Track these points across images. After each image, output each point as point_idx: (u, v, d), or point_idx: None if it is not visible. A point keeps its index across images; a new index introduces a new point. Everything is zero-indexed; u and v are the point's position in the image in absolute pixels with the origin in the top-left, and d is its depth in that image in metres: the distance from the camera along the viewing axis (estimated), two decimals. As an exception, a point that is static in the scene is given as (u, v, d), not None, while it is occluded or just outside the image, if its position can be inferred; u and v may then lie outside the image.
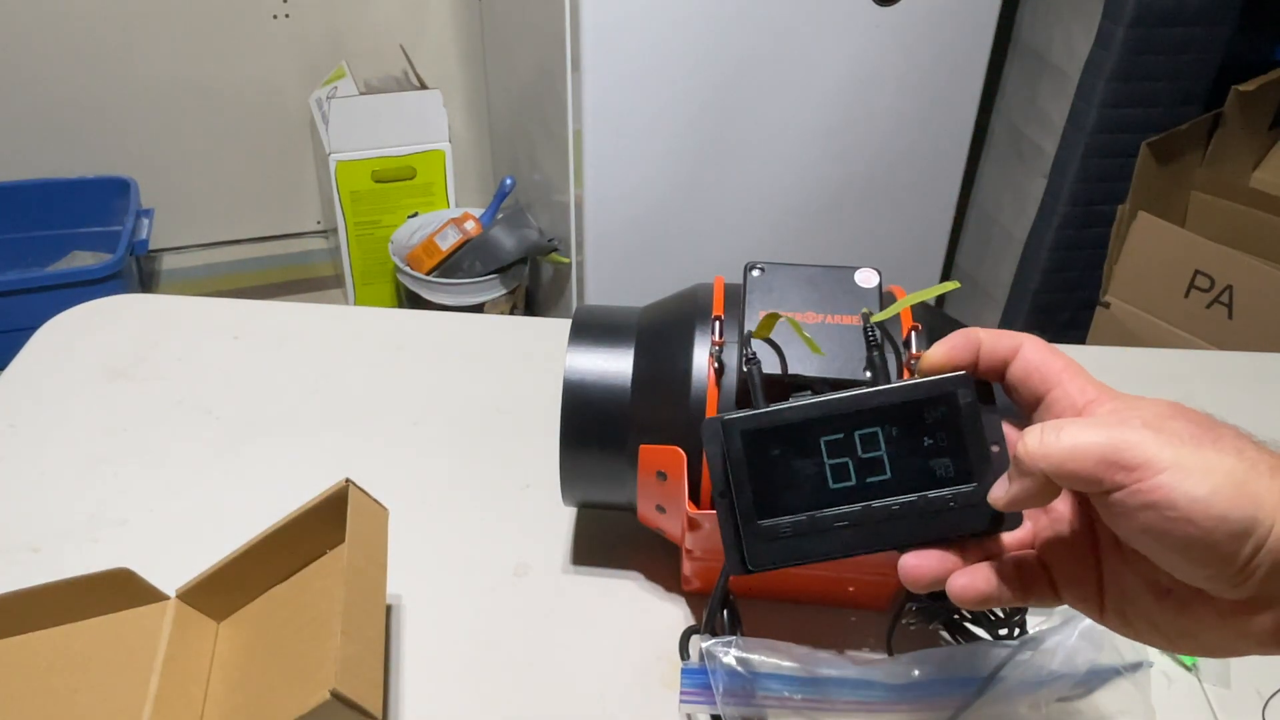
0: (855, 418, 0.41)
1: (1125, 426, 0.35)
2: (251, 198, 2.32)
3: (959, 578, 0.39)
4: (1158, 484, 0.33)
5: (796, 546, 0.41)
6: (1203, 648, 0.38)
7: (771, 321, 0.52)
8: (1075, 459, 0.35)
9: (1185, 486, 0.33)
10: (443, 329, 0.92)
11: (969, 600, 0.39)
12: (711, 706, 0.54)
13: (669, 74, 1.57)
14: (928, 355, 0.41)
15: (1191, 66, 1.62)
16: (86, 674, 0.56)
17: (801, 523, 0.41)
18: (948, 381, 0.40)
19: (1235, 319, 1.51)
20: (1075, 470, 0.35)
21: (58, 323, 0.90)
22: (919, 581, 0.40)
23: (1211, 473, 0.33)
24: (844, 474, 0.41)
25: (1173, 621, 0.37)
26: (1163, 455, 0.34)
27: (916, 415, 0.41)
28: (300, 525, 0.59)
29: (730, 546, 0.42)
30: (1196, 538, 0.33)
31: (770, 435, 0.41)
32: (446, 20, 2.21)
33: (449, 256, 1.98)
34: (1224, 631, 0.36)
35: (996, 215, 1.96)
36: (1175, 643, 0.38)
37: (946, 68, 1.69)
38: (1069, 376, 0.39)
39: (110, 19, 2.02)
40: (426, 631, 0.63)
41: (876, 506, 0.41)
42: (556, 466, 0.62)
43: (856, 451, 0.41)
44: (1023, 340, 0.41)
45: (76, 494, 0.72)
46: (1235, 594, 0.35)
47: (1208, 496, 0.33)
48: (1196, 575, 0.35)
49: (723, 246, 1.76)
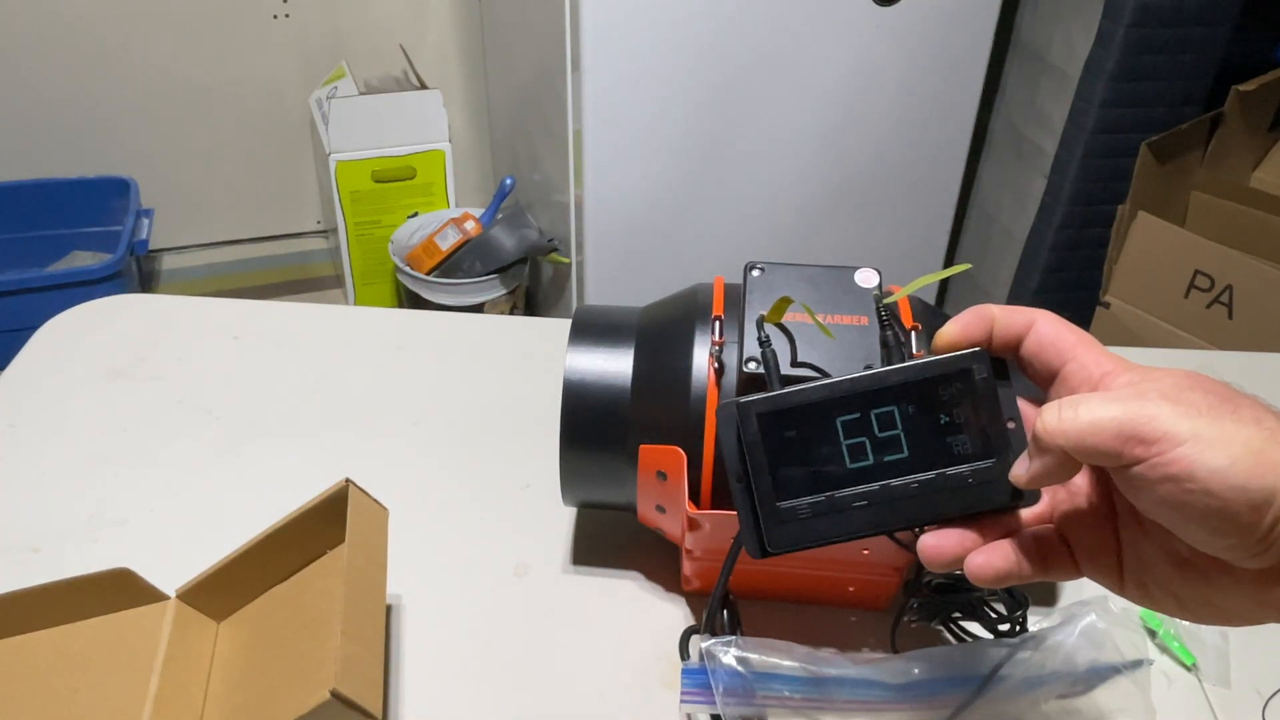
0: (871, 397, 0.41)
1: (1143, 400, 0.34)
2: (251, 198, 2.32)
3: (976, 556, 0.39)
4: (1177, 456, 0.33)
5: (815, 527, 0.41)
6: (1223, 616, 0.38)
7: (784, 305, 0.52)
8: (1094, 434, 0.35)
9: (1204, 458, 0.33)
10: (443, 329, 0.92)
11: (988, 578, 0.39)
12: (711, 706, 0.54)
13: (669, 74, 1.57)
14: (941, 333, 0.41)
15: (1191, 66, 1.62)
16: (86, 674, 0.56)
17: (820, 503, 0.41)
18: (963, 358, 0.40)
19: (1235, 319, 1.51)
20: (1095, 445, 0.35)
21: (58, 323, 0.90)
22: (938, 561, 0.40)
23: (1230, 443, 0.33)
24: (861, 454, 0.41)
25: (1192, 591, 0.37)
26: (1181, 427, 0.33)
27: (932, 393, 0.41)
28: (300, 525, 0.59)
29: (748, 530, 0.42)
30: (1216, 509, 0.33)
31: (786, 417, 0.41)
32: (446, 20, 2.21)
33: (449, 256, 1.98)
34: (1244, 600, 0.36)
35: (996, 215, 1.96)
36: (1195, 612, 0.38)
37: (946, 68, 1.69)
38: (1084, 349, 0.39)
39: (110, 19, 2.02)
40: (426, 631, 0.63)
41: (895, 485, 0.41)
42: (556, 466, 0.62)
43: (873, 431, 0.41)
44: (1036, 315, 0.41)
45: (76, 494, 0.72)
46: (1255, 563, 0.35)
47: (1227, 467, 0.33)
48: (1216, 546, 0.35)
49: (723, 246, 1.76)
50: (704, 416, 0.56)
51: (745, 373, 0.54)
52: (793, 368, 0.53)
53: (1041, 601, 0.66)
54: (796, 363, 0.53)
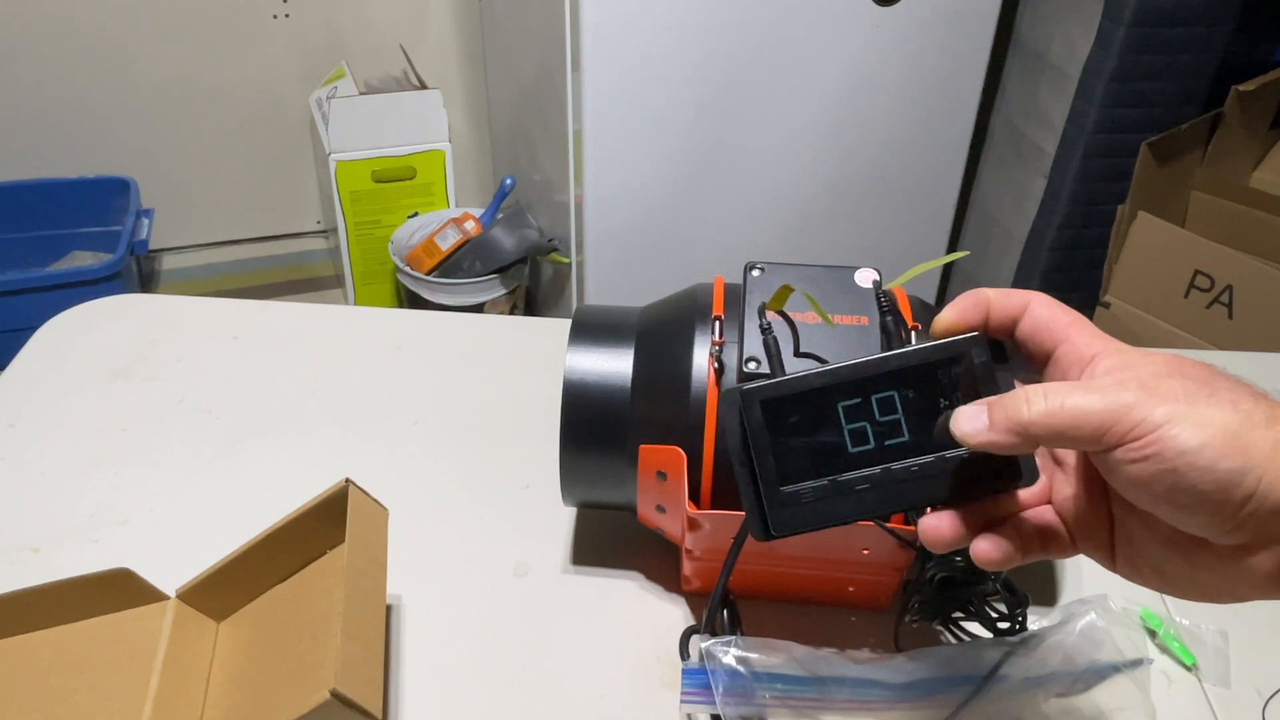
0: (872, 382, 0.41)
1: (1122, 389, 0.36)
2: (251, 198, 2.32)
3: (981, 542, 0.40)
4: (1150, 440, 0.35)
5: (819, 510, 0.42)
6: (1206, 593, 0.39)
7: (785, 293, 0.53)
8: (1076, 427, 0.36)
9: (1177, 442, 0.34)
10: (443, 329, 0.92)
11: (993, 562, 0.40)
12: (711, 706, 0.54)
13: (669, 74, 1.57)
14: (939, 318, 0.42)
15: (1191, 66, 1.62)
16: (86, 674, 0.56)
17: (823, 487, 0.42)
18: (961, 342, 0.41)
19: (1235, 319, 1.51)
20: (1075, 436, 0.36)
21: (58, 323, 0.90)
22: (939, 543, 0.41)
23: (1204, 426, 0.34)
24: (863, 438, 0.42)
25: (1177, 568, 0.39)
26: (1156, 414, 0.35)
27: (932, 377, 0.41)
28: (300, 525, 0.59)
29: (752, 513, 0.42)
30: (1184, 488, 0.35)
31: (789, 403, 0.42)
32: (446, 20, 2.21)
33: (449, 256, 1.98)
34: (1226, 576, 0.37)
35: (996, 215, 1.96)
36: (1181, 589, 0.40)
37: (946, 68, 1.69)
38: (1076, 330, 0.41)
39: (110, 19, 2.02)
40: (426, 631, 0.63)
41: (896, 468, 0.41)
42: (556, 466, 0.62)
43: (874, 415, 0.41)
44: (1030, 297, 0.42)
45: (76, 494, 0.72)
46: (1230, 539, 0.36)
47: (1198, 449, 0.34)
48: (1190, 523, 0.36)
49: (723, 246, 1.76)
50: (704, 416, 0.56)
51: (745, 372, 0.54)
52: (795, 358, 0.53)
53: (1042, 601, 0.66)
54: (799, 353, 0.54)
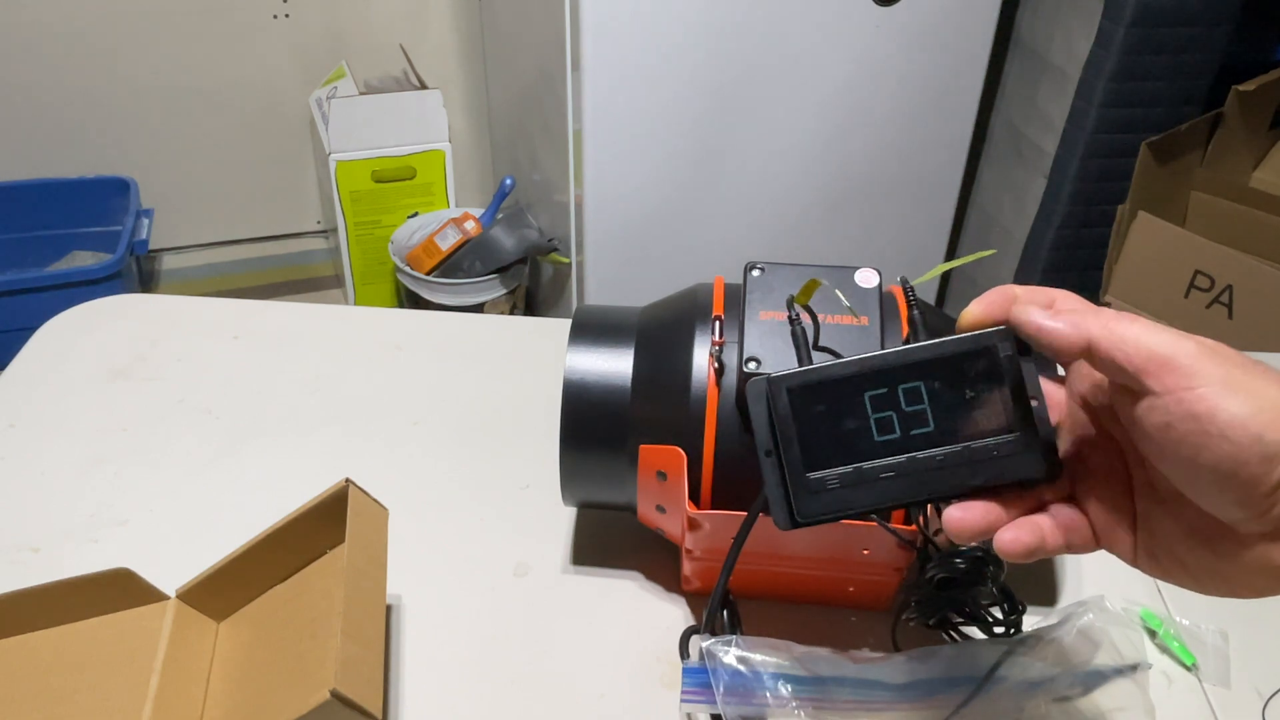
0: (898, 372, 0.42)
1: (1185, 338, 0.36)
2: (251, 198, 2.32)
3: (1005, 532, 0.40)
4: (1203, 394, 0.35)
5: (844, 498, 0.42)
6: (1229, 586, 0.39)
7: (813, 287, 0.53)
8: (1134, 348, 0.36)
9: (1228, 402, 0.34)
10: (443, 329, 0.92)
11: (1018, 553, 0.40)
12: (712, 706, 0.54)
13: (669, 74, 1.57)
14: (966, 312, 0.43)
15: (1191, 66, 1.62)
16: (86, 674, 0.56)
17: (848, 474, 0.42)
18: (989, 335, 0.42)
19: (1235, 319, 1.51)
20: (1131, 365, 0.36)
21: (58, 323, 0.90)
22: (964, 533, 0.41)
23: (1255, 396, 0.35)
24: (889, 427, 0.42)
25: (1200, 560, 0.39)
26: (1212, 370, 0.35)
27: (958, 369, 0.42)
28: (300, 525, 0.59)
29: (777, 501, 0.43)
30: (1228, 454, 0.34)
31: (816, 391, 0.42)
32: (446, 20, 2.21)
33: (449, 256, 1.98)
34: (1250, 568, 0.37)
35: (996, 215, 1.96)
36: (1202, 581, 0.40)
37: (946, 68, 1.69)
38: None
39: (110, 19, 2.02)
40: (426, 631, 0.63)
41: (921, 458, 0.42)
42: (556, 466, 0.62)
43: (900, 405, 0.42)
44: (1056, 295, 0.42)
45: (76, 494, 0.72)
46: (1257, 525, 0.36)
47: (1248, 416, 0.34)
48: (1222, 499, 0.36)
49: (723, 246, 1.76)
50: (704, 416, 0.56)
51: (745, 372, 0.54)
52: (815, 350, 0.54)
53: (1041, 601, 0.66)
54: (817, 348, 0.54)
